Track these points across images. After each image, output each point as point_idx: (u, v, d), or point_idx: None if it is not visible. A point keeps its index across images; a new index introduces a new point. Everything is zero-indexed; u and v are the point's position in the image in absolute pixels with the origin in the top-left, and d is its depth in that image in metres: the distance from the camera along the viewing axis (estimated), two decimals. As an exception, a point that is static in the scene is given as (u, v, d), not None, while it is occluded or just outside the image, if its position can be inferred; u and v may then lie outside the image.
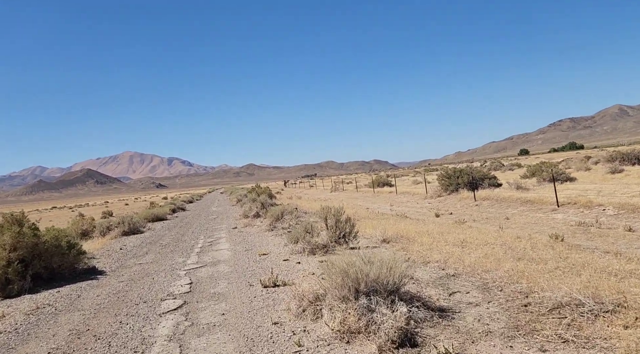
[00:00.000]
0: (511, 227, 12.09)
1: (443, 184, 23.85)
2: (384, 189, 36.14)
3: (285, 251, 9.72)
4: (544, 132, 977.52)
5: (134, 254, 11.93)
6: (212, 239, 13.66)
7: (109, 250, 13.32)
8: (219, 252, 10.75)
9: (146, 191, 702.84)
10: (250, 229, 15.08)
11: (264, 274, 7.64)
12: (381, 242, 9.69)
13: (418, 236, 10.17)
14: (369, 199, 29.82)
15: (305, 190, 62.55)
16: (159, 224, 21.78)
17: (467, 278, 6.13)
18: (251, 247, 11.11)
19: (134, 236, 17.23)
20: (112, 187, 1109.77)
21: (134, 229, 18.23)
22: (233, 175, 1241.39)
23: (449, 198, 22.28)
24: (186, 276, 8.25)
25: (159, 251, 12.06)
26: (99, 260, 11.41)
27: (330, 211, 9.41)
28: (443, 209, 19.24)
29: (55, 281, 8.79)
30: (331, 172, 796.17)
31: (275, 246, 10.75)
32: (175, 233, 16.63)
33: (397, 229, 11.26)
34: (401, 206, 22.53)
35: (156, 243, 14.02)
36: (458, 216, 16.29)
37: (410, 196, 27.19)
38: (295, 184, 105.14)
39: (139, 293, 7.25)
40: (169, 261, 10.17)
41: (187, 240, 14.03)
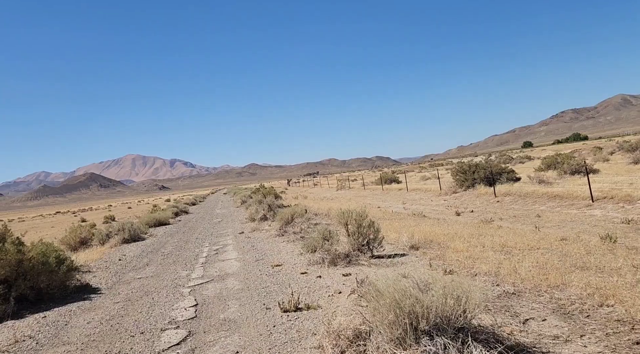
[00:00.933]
0: (547, 227, 10.96)
1: (458, 179, 22.70)
2: (392, 186, 35.01)
3: (301, 262, 8.63)
4: (546, 124, 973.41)
5: (134, 266, 10.86)
6: (217, 246, 12.58)
7: (106, 261, 12.26)
8: (226, 263, 9.67)
9: (149, 193, 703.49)
10: (259, 234, 14.00)
11: (281, 292, 6.56)
12: (409, 249, 8.58)
13: (449, 240, 9.07)
14: (379, 197, 28.69)
15: (310, 189, 61.45)
16: (161, 230, 20.73)
17: (533, 298, 5.01)
18: (262, 256, 10.02)
19: (134, 243, 16.17)
20: (116, 190, 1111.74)
21: (134, 236, 17.17)
22: (235, 175, 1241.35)
23: (465, 194, 21.14)
24: (190, 295, 7.16)
25: (160, 262, 10.99)
26: (95, 274, 10.35)
27: (351, 215, 8.30)
28: (462, 206, 18.10)
29: (42, 303, 7.72)
30: (333, 169, 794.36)
31: (289, 255, 9.66)
32: (178, 240, 15.56)
33: (421, 232, 10.17)
34: (415, 204, 21.41)
35: (158, 252, 12.96)
36: (481, 214, 15.16)
37: (422, 192, 26.05)
38: (298, 183, 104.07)
39: (135, 318, 6.16)
40: (171, 275, 9.10)
41: (191, 248, 12.96)
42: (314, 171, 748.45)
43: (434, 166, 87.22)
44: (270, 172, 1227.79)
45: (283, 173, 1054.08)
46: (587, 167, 22.17)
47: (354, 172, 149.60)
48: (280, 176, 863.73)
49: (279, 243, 11.56)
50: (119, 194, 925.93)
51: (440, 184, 24.73)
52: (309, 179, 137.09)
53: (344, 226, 8.45)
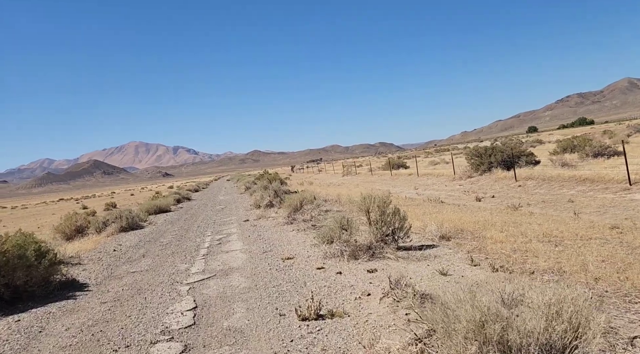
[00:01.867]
0: (587, 213, 9.84)
1: (473, 163, 21.53)
2: (401, 172, 33.86)
3: (316, 254, 7.57)
4: (551, 109, 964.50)
5: (128, 258, 9.85)
6: (221, 235, 11.54)
7: (100, 252, 11.26)
8: (230, 255, 8.63)
9: (153, 180, 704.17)
10: (265, 222, 12.95)
11: (296, 292, 5.51)
12: (439, 239, 7.50)
13: (482, 229, 7.98)
14: (388, 183, 27.57)
15: (315, 175, 60.36)
16: (161, 217, 19.73)
17: (623, 305, 3.93)
18: (270, 247, 8.96)
19: (132, 232, 15.17)
20: (119, 177, 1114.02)
21: (133, 224, 16.17)
22: (238, 162, 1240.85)
23: (481, 179, 20.00)
24: (189, 294, 6.12)
25: (158, 253, 9.96)
26: (85, 266, 9.35)
27: (373, 201, 7.21)
28: (480, 191, 16.98)
29: (20, 302, 6.71)
30: (336, 156, 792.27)
31: (301, 246, 8.60)
32: (178, 228, 14.55)
33: (447, 220, 9.08)
34: (428, 189, 20.29)
35: (156, 242, 11.94)
36: (504, 199, 14.05)
37: (434, 177, 24.90)
38: (302, 170, 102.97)
39: (122, 325, 5.13)
40: (168, 269, 8.07)
41: (192, 237, 11.93)
42: (317, 157, 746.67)
43: (439, 151, 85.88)
44: (273, 159, 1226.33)
45: (286, 160, 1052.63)
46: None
47: (357, 159, 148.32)
48: (283, 162, 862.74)
49: (288, 232, 10.49)
50: (123, 181, 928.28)
51: (454, 168, 23.55)
52: (313, 165, 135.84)
53: (364, 214, 7.37)
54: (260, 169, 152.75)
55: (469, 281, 5.09)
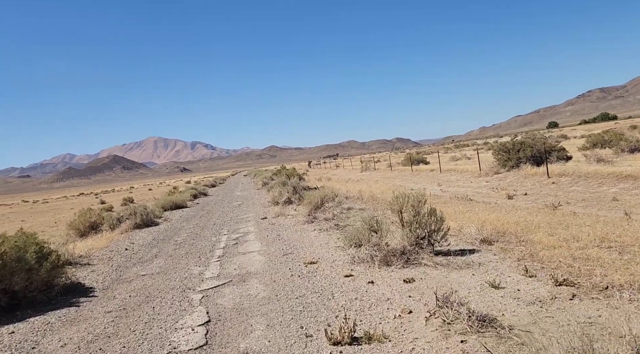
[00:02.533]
0: (638, 213, 8.90)
1: (500, 159, 20.51)
2: (421, 167, 32.89)
3: (342, 258, 6.84)
4: (572, 104, 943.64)
5: (140, 258, 9.27)
6: (237, 234, 10.90)
7: (112, 251, 10.73)
8: (247, 257, 7.96)
9: (171, 175, 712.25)
10: (284, 220, 12.26)
11: (323, 305, 4.79)
12: (480, 243, 6.69)
13: (526, 232, 7.14)
14: (409, 179, 26.68)
15: (332, 170, 59.61)
16: (177, 213, 19.25)
17: None
18: (290, 248, 8.26)
19: (147, 229, 14.67)
20: (138, 172, 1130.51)
21: (147, 221, 15.67)
22: (255, 157, 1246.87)
23: (509, 175, 18.99)
24: (201, 304, 5.46)
25: (171, 254, 9.36)
26: (94, 267, 8.80)
27: (406, 200, 6.44)
28: (509, 188, 16.02)
29: (19, 309, 6.15)
30: (353, 151, 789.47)
31: (324, 249, 7.88)
32: (194, 226, 13.98)
33: (482, 220, 8.26)
34: (453, 186, 19.38)
35: (170, 240, 11.37)
36: (538, 197, 13.12)
37: (458, 173, 23.91)
38: (319, 165, 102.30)
39: (125, 343, 4.49)
40: (180, 272, 7.43)
41: (207, 236, 11.32)
42: (333, 153, 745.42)
43: (459, 147, 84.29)
44: (290, 154, 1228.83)
45: (302, 155, 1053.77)
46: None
47: (374, 154, 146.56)
48: (299, 158, 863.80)
49: (309, 232, 9.78)
50: (142, 176, 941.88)
51: (480, 164, 22.52)
52: (329, 161, 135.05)
53: (396, 214, 6.59)
54: (276, 164, 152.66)
55: (529, 296, 4.30)
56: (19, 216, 43.33)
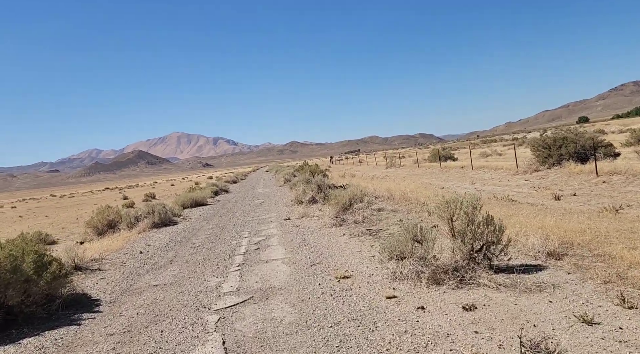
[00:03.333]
0: None
1: (539, 155, 19.13)
2: (450, 164, 31.51)
3: (379, 272, 5.88)
4: (604, 98, 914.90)
5: (154, 264, 8.51)
6: (259, 237, 10.05)
7: (126, 253, 10.04)
8: (270, 267, 7.08)
9: (194, 170, 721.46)
10: (309, 222, 11.36)
11: (365, 340, 3.85)
12: (546, 257, 5.63)
13: (597, 243, 6.04)
14: (438, 176, 25.45)
15: (355, 167, 58.48)
16: (197, 212, 18.59)
17: None
18: (318, 257, 7.34)
19: (165, 229, 14.00)
20: (162, 167, 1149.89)
21: (165, 220, 15.02)
22: (277, 153, 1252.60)
23: (551, 173, 17.63)
24: (217, 330, 4.58)
25: (187, 259, 8.57)
26: (104, 274, 8.07)
27: (459, 205, 5.42)
28: (554, 188, 14.75)
29: (15, 327, 5.41)
30: (375, 147, 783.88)
31: (357, 258, 6.93)
32: (213, 226, 13.22)
33: (537, 227, 7.16)
34: (488, 185, 18.14)
35: (187, 243, 10.61)
36: (590, 198, 11.87)
37: (491, 171, 22.58)
38: (341, 161, 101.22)
39: (122, 383, 3.65)
40: (196, 284, 6.60)
41: (227, 238, 10.51)
42: (355, 148, 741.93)
43: (486, 142, 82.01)
44: (311, 150, 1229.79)
45: (324, 151, 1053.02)
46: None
47: (397, 150, 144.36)
48: (321, 153, 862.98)
49: (338, 237, 8.83)
50: (165, 171, 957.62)
51: (517, 160, 21.13)
52: (351, 156, 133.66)
53: (446, 222, 5.58)
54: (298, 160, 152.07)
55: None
56: (45, 211, 43.79)
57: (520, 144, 52.23)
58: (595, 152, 17.95)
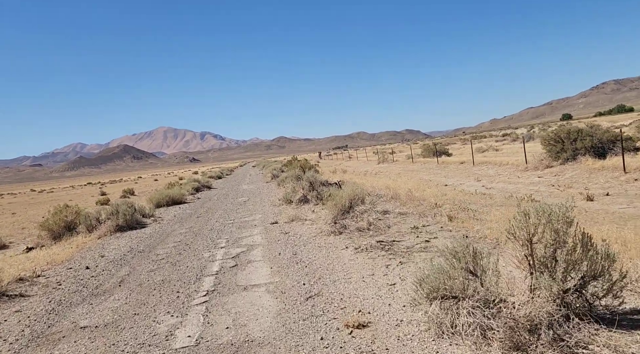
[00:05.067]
0: None
1: (552, 150, 17.38)
2: (447, 160, 29.69)
3: (411, 318, 3.92)
4: (586, 96, 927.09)
5: (96, 287, 6.43)
6: (238, 248, 8.01)
7: (70, 268, 7.94)
8: (250, 298, 5.06)
9: (180, 165, 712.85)
10: (300, 228, 9.34)
11: None
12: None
13: None
14: (436, 172, 23.61)
15: (345, 162, 56.56)
16: (172, 211, 16.47)
17: None
18: (317, 283, 5.33)
19: (129, 233, 11.89)
20: (148, 162, 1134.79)
21: (132, 222, 12.89)
22: (264, 148, 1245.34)
23: (566, 169, 15.87)
24: None
25: (141, 281, 6.51)
26: (23, 303, 5.98)
27: (542, 218, 3.47)
28: (577, 186, 12.99)
29: None
30: (362, 143, 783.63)
31: (371, 287, 4.93)
32: (186, 230, 11.14)
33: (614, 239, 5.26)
34: (497, 182, 16.34)
35: (149, 254, 8.53)
36: (632, 199, 10.09)
37: (495, 166, 20.78)
38: (330, 156, 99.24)
39: None
40: (140, 327, 4.56)
41: (199, 249, 8.46)
42: (342, 144, 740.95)
43: (476, 138, 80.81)
44: (299, 145, 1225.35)
45: (311, 146, 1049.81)
46: None
47: (384, 146, 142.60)
48: (308, 149, 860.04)
49: (339, 250, 6.83)
50: (151, 165, 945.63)
51: (526, 155, 19.32)
52: (340, 152, 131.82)
53: (522, 244, 3.61)
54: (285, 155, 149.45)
55: None
56: (16, 207, 41.02)
57: (514, 139, 50.85)
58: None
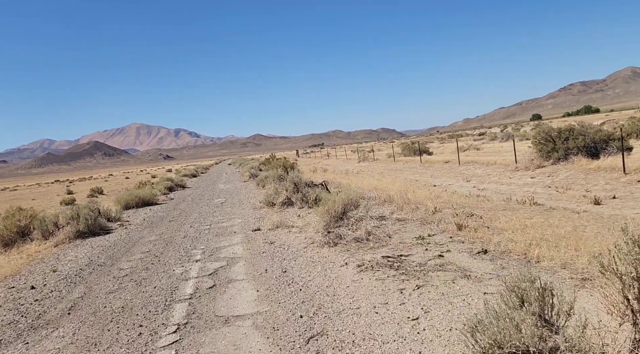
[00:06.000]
0: None
1: (543, 149, 16.77)
2: (431, 159, 29.02)
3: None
4: (554, 97, 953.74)
5: (37, 318, 5.18)
6: (217, 262, 6.85)
7: (12, 288, 6.63)
8: (232, 338, 3.94)
9: (154, 162, 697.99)
10: (287, 237, 8.23)
11: None
12: None
13: None
14: (421, 172, 22.84)
15: (324, 160, 55.56)
16: (142, 213, 15.10)
17: None
18: (317, 315, 4.25)
19: (91, 240, 10.56)
20: (120, 159, 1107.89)
21: (95, 227, 11.52)
22: (240, 146, 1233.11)
23: (559, 169, 15.25)
24: None
25: (96, 308, 5.30)
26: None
27: None
28: (576, 187, 12.33)
29: None
30: (338, 141, 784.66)
31: (389, 325, 3.87)
32: (156, 238, 9.88)
33: None
34: (487, 183, 15.60)
35: (111, 268, 7.28)
36: (636, 201, 9.41)
37: (483, 166, 20.10)
38: (308, 154, 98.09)
39: None
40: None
41: (170, 262, 7.26)
42: (319, 142, 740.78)
43: (453, 136, 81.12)
44: (275, 143, 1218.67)
45: (288, 144, 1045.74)
46: None
47: (361, 144, 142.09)
48: (285, 147, 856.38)
49: (338, 268, 5.75)
50: (123, 163, 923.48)
51: (515, 155, 18.67)
52: (317, 150, 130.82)
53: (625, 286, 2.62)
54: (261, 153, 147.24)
55: None
56: (-27, 207, 38.39)
57: (492, 138, 50.80)
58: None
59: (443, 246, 6.22)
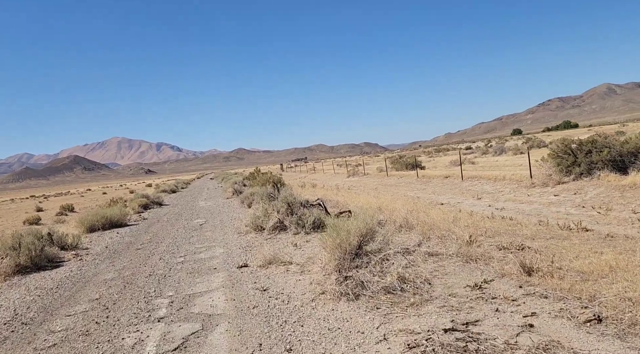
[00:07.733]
0: None
1: (562, 163, 15.10)
2: (428, 173, 27.22)
3: None
4: (533, 112, 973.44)
5: None
6: (187, 324, 4.77)
7: None
8: None
9: (135, 176, 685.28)
10: (285, 279, 6.17)
11: None
12: None
13: None
14: (420, 188, 21.00)
15: (310, 175, 53.54)
16: (107, 238, 12.85)
17: None
18: None
19: (32, 276, 8.32)
20: (101, 173, 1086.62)
21: (40, 260, 9.26)
22: (223, 160, 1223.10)
23: (585, 186, 13.54)
24: None
25: None
26: None
27: None
28: (617, 208, 10.59)
29: None
30: (322, 155, 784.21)
31: None
32: (113, 276, 7.70)
33: None
34: (502, 201, 13.82)
35: (36, 334, 5.13)
36: None
37: (490, 182, 18.32)
38: (292, 168, 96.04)
39: None
40: None
41: (123, 320, 5.15)
42: (302, 156, 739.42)
43: (440, 150, 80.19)
44: (258, 157, 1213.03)
45: (271, 158, 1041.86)
46: None
47: (344, 158, 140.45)
48: (268, 160, 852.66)
49: (371, 344, 3.73)
50: (104, 177, 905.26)
51: (530, 169, 16.92)
52: (300, 164, 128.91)
53: None
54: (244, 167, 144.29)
55: None
56: None
57: (484, 152, 49.53)
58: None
59: (519, 303, 4.27)
